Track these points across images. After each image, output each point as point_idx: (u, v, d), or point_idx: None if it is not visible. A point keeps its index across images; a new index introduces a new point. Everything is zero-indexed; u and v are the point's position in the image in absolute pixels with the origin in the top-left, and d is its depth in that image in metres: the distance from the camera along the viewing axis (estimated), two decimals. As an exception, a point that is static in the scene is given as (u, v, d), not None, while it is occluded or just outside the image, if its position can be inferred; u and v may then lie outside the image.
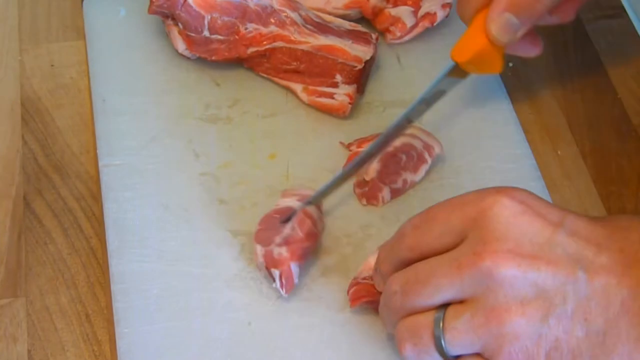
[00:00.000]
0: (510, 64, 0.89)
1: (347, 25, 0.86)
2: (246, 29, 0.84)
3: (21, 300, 0.75)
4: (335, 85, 0.84)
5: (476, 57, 0.74)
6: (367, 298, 0.71)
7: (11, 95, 0.87)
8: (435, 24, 0.89)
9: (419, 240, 0.64)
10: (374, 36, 0.86)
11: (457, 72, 0.75)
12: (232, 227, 0.77)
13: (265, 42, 0.85)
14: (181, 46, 0.85)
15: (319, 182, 0.80)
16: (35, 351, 0.73)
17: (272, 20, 0.85)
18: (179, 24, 0.84)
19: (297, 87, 0.85)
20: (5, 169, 0.82)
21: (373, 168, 0.79)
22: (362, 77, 0.84)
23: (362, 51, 0.84)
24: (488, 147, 0.84)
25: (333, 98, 0.84)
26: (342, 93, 0.84)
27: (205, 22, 0.84)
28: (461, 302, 0.62)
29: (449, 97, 0.86)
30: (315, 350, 0.71)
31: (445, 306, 0.62)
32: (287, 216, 0.75)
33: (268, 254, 0.72)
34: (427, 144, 0.81)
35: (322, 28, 0.85)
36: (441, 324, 0.62)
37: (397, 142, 0.80)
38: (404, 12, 0.88)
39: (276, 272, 0.72)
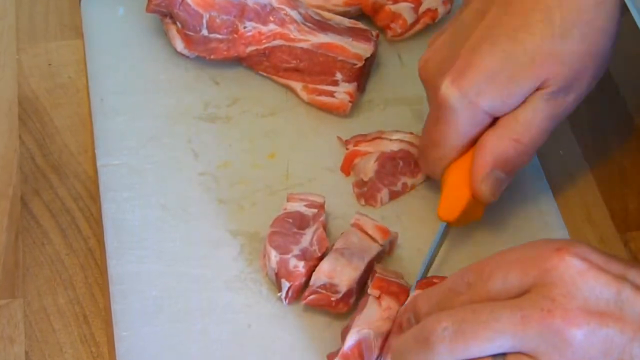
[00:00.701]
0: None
1: (347, 22, 0.86)
2: (245, 27, 0.84)
3: (18, 301, 0.75)
4: (335, 83, 0.83)
5: (463, 213, 0.74)
6: (324, 307, 0.71)
7: (9, 94, 0.86)
8: (436, 21, 0.89)
9: (473, 299, 0.61)
10: (374, 33, 0.85)
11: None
12: (231, 227, 0.77)
13: (264, 41, 0.84)
14: (180, 45, 0.85)
15: (319, 181, 0.80)
16: (33, 352, 0.72)
17: (271, 19, 0.84)
18: (178, 23, 0.84)
19: (297, 86, 0.84)
20: (2, 169, 0.82)
21: (370, 168, 0.78)
22: (362, 74, 0.84)
23: (363, 49, 0.84)
24: (489, 146, 0.83)
25: (333, 96, 0.83)
26: (343, 91, 0.83)
27: (204, 21, 0.83)
28: (518, 353, 0.59)
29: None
30: (315, 352, 0.71)
31: (496, 357, 0.60)
32: (299, 222, 0.74)
33: (283, 263, 0.72)
34: None
35: (322, 26, 0.85)
36: None
37: (395, 148, 0.80)
38: (404, 9, 0.88)
39: (286, 284, 0.71)
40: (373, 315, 0.70)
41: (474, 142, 0.73)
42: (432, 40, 0.76)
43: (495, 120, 0.72)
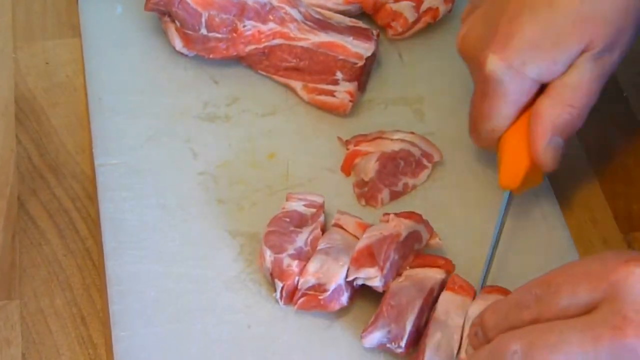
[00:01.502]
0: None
1: (348, 21, 0.86)
2: (244, 26, 0.83)
3: (15, 302, 0.74)
4: (335, 82, 0.83)
5: (523, 181, 0.75)
6: (317, 309, 0.71)
7: (5, 93, 0.86)
8: (437, 20, 0.88)
9: (542, 313, 0.60)
10: (374, 32, 0.85)
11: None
12: (230, 228, 0.76)
13: (264, 40, 0.84)
14: (178, 44, 0.84)
15: (319, 181, 0.79)
16: (30, 354, 0.72)
17: (271, 18, 0.84)
18: (176, 22, 0.83)
19: (297, 85, 0.84)
20: (-1, 169, 0.81)
21: (371, 168, 0.78)
22: (363, 74, 0.83)
23: (363, 48, 0.83)
24: (491, 146, 0.83)
25: (333, 96, 0.83)
26: (343, 90, 0.83)
27: (203, 20, 0.83)
28: None
29: (450, 96, 0.85)
30: (315, 353, 0.70)
31: None
32: (297, 221, 0.73)
33: (277, 262, 0.71)
34: (425, 152, 0.80)
35: (322, 24, 0.84)
36: None
37: (396, 148, 0.79)
38: (405, 8, 0.87)
39: (280, 284, 0.71)
40: (383, 227, 0.72)
41: (524, 109, 0.74)
42: (465, 16, 0.77)
43: (543, 87, 0.73)
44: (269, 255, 0.71)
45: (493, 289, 0.71)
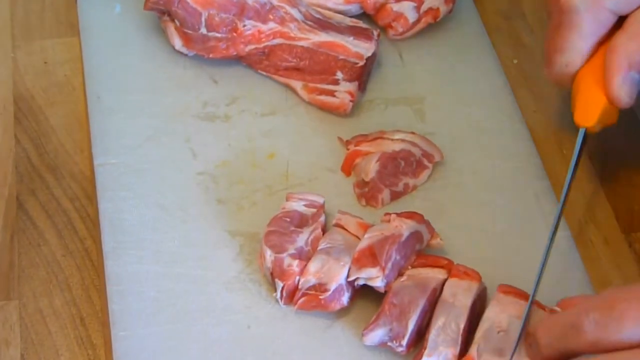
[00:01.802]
0: (515, 61, 0.88)
1: (348, 21, 0.86)
2: (244, 26, 0.83)
3: (14, 303, 0.74)
4: (336, 82, 0.82)
5: (599, 118, 0.73)
6: (317, 309, 0.71)
7: (4, 93, 0.85)
8: (438, 20, 0.88)
9: (602, 339, 0.58)
10: (375, 32, 0.84)
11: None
12: (230, 228, 0.76)
13: (264, 40, 0.83)
14: (178, 43, 0.84)
15: (319, 181, 0.79)
16: (29, 355, 0.72)
17: (271, 17, 0.83)
18: (176, 21, 0.83)
19: (297, 85, 0.84)
20: (-3, 169, 0.81)
21: (372, 168, 0.78)
22: (363, 74, 0.83)
23: (364, 47, 0.83)
24: (492, 145, 0.83)
25: (334, 96, 0.82)
26: (343, 90, 0.82)
27: (202, 19, 0.82)
28: None
29: (450, 96, 0.85)
30: (315, 353, 0.70)
31: None
32: (298, 221, 0.73)
33: (278, 262, 0.71)
34: (426, 152, 0.80)
35: (323, 24, 0.84)
36: None
37: (397, 148, 0.79)
38: (406, 8, 0.87)
39: (280, 284, 0.71)
40: (384, 227, 0.72)
41: (599, 45, 0.72)
42: None
43: (620, 21, 0.71)
44: (269, 255, 0.71)
45: (510, 290, 0.71)
